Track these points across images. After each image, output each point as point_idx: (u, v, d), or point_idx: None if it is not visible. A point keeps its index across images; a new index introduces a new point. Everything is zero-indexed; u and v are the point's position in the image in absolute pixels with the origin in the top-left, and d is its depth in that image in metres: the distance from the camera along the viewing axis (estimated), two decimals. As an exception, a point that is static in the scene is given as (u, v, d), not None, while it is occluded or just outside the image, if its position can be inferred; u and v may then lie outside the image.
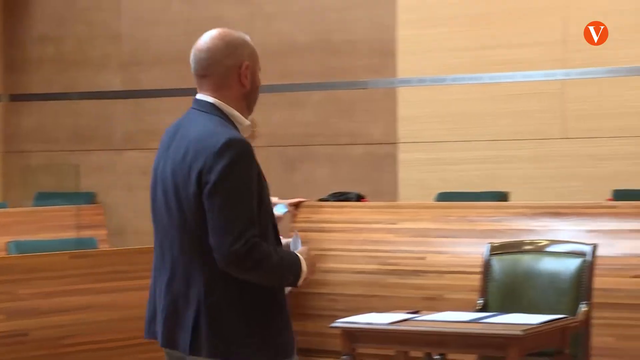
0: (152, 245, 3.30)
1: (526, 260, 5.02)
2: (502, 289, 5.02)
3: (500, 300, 4.98)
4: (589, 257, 4.88)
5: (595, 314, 5.10)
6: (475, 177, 8.31)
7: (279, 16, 9.10)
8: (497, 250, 5.11)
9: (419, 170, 8.55)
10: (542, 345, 4.43)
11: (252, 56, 3.28)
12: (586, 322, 4.76)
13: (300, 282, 3.19)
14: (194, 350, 3.09)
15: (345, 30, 8.91)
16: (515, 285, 4.99)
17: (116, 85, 9.69)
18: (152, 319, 3.27)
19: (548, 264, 4.97)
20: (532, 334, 4.30)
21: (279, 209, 6.68)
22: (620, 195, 7.08)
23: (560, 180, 8.07)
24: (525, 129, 8.22)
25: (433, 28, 8.52)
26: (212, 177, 3.04)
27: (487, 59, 8.35)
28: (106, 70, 9.73)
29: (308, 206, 7.09)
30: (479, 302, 5.03)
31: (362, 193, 7.71)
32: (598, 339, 5.48)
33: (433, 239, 6.63)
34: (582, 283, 4.84)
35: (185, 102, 3.47)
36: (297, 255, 3.23)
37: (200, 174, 3.06)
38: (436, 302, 6.31)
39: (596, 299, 5.08)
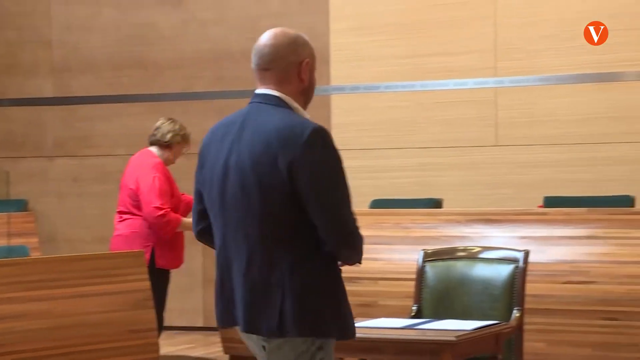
0: (83, 253, 3.28)
1: (459, 266, 5.02)
2: (435, 295, 5.02)
3: (434, 306, 4.99)
4: (521, 264, 4.89)
5: (527, 319, 5.12)
6: (409, 184, 8.36)
7: (212, 23, 9.08)
8: (431, 256, 5.12)
9: (352, 178, 8.45)
10: (475, 350, 4.44)
11: (312, 55, 3.43)
12: (519, 327, 4.79)
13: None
14: (282, 332, 3.24)
15: (280, 37, 8.90)
16: (448, 291, 4.99)
17: (47, 91, 9.57)
18: (225, 309, 3.39)
19: (481, 271, 4.98)
20: (466, 339, 4.31)
21: None
22: (551, 202, 7.16)
23: (493, 187, 8.14)
24: (458, 137, 8.28)
25: (366, 36, 8.56)
26: (308, 167, 3.19)
27: (420, 67, 8.41)
28: (37, 76, 9.61)
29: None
30: (413, 308, 5.04)
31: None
32: (530, 344, 5.52)
33: (367, 245, 6.57)
34: (514, 289, 4.85)
35: (117, 109, 3.45)
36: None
37: (291, 165, 3.18)
38: (371, 309, 6.33)
39: (528, 304, 5.11)
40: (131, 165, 6.66)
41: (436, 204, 7.60)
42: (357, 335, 4.53)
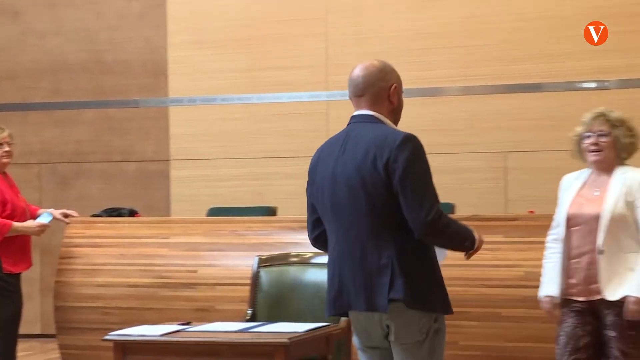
0: None
1: (292, 271, 5.06)
2: (269, 299, 5.04)
3: (268, 310, 5.01)
4: (350, 268, 4.97)
5: (357, 321, 5.22)
6: (244, 192, 8.38)
7: (50, 34, 8.90)
8: (265, 262, 5.15)
9: (190, 187, 8.53)
10: (307, 351, 4.47)
11: (398, 80, 3.89)
12: (348, 329, 4.84)
13: (475, 248, 3.78)
14: (399, 303, 3.63)
15: (118, 50, 8.81)
16: (282, 295, 5.02)
17: None
18: (337, 297, 3.78)
19: (313, 275, 5.02)
20: (298, 341, 4.34)
21: (45, 217, 6.51)
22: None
23: (324, 195, 8.22)
24: (292, 147, 8.35)
25: (203, 50, 8.55)
26: (400, 165, 3.64)
27: (256, 81, 8.45)
28: None
29: (81, 222, 6.94)
30: (248, 312, 5.05)
31: (135, 209, 7.63)
32: (359, 344, 5.63)
33: (204, 252, 6.63)
34: (344, 292, 4.93)
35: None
36: (469, 227, 3.80)
37: (387, 164, 3.64)
38: (208, 313, 6.32)
39: (357, 307, 5.20)
40: None
41: (271, 211, 7.63)
42: (194, 339, 4.54)
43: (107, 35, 8.84)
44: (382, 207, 3.69)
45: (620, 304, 4.33)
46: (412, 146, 3.69)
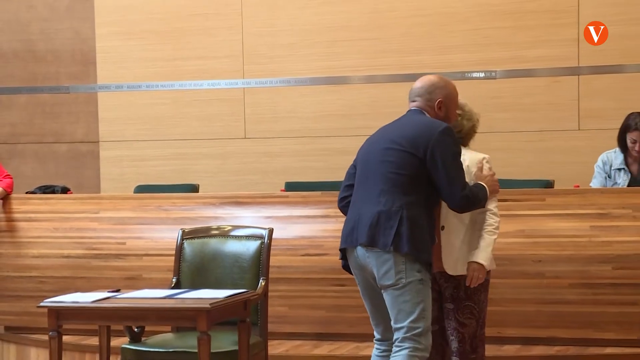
0: None
1: (213, 243, 5.05)
2: (192, 268, 5.03)
3: (192, 278, 5.00)
4: (266, 240, 4.96)
5: (272, 287, 5.22)
6: (169, 171, 8.32)
7: (-16, 24, 8.72)
8: (188, 235, 5.14)
9: (118, 166, 8.45)
10: (227, 315, 4.49)
11: (447, 96, 4.29)
12: (264, 294, 4.86)
13: (487, 200, 4.25)
14: (396, 247, 4.05)
15: (48, 40, 8.66)
16: (204, 264, 5.02)
17: None
18: (350, 233, 4.18)
19: (232, 246, 5.02)
20: (218, 306, 4.36)
21: None
22: (291, 186, 7.24)
23: (242, 174, 8.23)
24: (212, 130, 8.31)
25: (129, 40, 8.45)
26: (439, 149, 4.07)
27: (178, 69, 8.38)
28: None
29: (16, 198, 6.86)
30: (173, 280, 5.04)
31: (68, 186, 7.54)
32: (274, 308, 5.64)
33: (132, 226, 6.58)
34: (260, 261, 4.92)
35: None
36: (482, 184, 4.23)
37: (427, 144, 4.08)
38: (136, 282, 6.29)
39: (272, 274, 5.20)
40: None
41: (193, 188, 7.59)
42: (123, 305, 4.55)
43: (38, 27, 8.68)
44: (407, 172, 4.10)
45: (458, 277, 4.32)
46: (449, 134, 4.12)
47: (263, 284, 4.86)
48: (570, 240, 5.42)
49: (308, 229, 6.23)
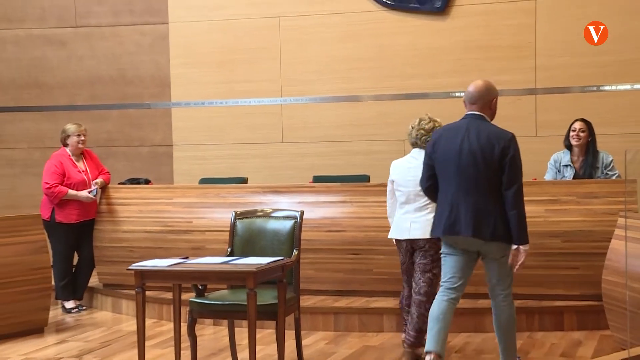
0: None
1: (258, 222, 5.03)
2: (242, 241, 5.02)
3: (242, 248, 4.99)
4: (298, 219, 4.94)
5: (303, 255, 5.24)
6: (225, 167, 8.34)
7: (87, 57, 8.76)
8: (240, 215, 5.14)
9: (187, 164, 8.48)
10: (269, 276, 4.48)
11: (496, 95, 4.17)
12: (297, 261, 4.86)
13: (526, 249, 4.12)
14: (494, 237, 4.05)
15: (136, 68, 8.69)
16: (251, 238, 5.00)
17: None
18: (453, 224, 4.09)
19: (272, 224, 5.00)
20: (262, 270, 4.36)
21: (92, 192, 6.51)
22: (317, 179, 7.23)
23: (280, 170, 8.22)
24: (257, 136, 8.31)
25: (195, 68, 8.46)
26: (510, 152, 4.02)
27: (231, 90, 8.39)
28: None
29: (112, 188, 6.91)
30: (228, 250, 5.06)
31: (149, 179, 7.58)
32: (304, 271, 5.67)
33: (197, 209, 6.61)
34: (294, 236, 4.90)
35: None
36: (526, 228, 4.14)
37: (502, 150, 4.02)
38: (200, 251, 6.32)
39: (303, 246, 5.22)
40: None
41: (243, 181, 7.62)
42: (190, 268, 4.54)
43: (128, 59, 8.72)
44: (493, 176, 4.02)
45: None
46: (515, 141, 4.07)
47: (296, 253, 4.84)
48: (530, 220, 5.36)
49: (330, 211, 6.22)
